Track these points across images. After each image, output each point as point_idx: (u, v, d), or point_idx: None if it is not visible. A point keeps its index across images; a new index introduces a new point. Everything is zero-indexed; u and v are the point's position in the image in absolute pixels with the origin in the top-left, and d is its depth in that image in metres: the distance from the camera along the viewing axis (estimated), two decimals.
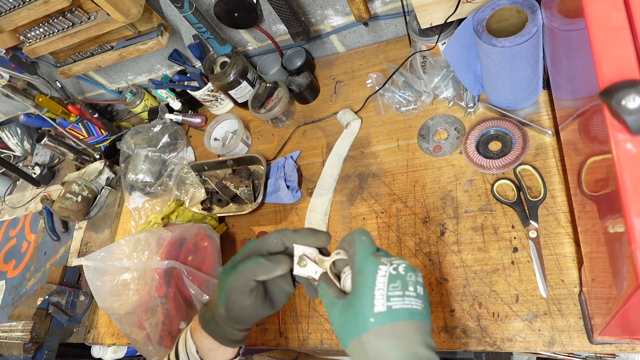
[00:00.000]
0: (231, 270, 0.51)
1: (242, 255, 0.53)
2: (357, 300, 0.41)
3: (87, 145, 1.39)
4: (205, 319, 0.55)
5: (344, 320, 0.42)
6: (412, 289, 0.41)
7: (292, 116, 1.13)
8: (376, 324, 0.39)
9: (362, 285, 0.41)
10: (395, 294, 0.40)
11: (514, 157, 0.79)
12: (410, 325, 0.40)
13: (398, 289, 0.41)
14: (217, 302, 0.53)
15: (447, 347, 0.73)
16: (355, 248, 0.44)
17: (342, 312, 0.43)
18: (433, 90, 0.93)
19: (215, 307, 0.54)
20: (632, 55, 0.36)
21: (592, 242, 0.55)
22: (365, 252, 0.44)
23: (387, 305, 0.40)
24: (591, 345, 0.64)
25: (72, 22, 1.04)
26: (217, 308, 0.53)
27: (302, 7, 1.02)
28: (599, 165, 0.44)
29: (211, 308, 0.55)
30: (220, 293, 0.52)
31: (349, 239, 0.47)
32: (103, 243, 1.25)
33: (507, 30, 0.72)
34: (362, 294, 0.41)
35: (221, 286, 0.52)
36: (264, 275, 0.50)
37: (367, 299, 0.40)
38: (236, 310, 0.52)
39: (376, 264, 0.42)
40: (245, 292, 0.51)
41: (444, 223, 0.82)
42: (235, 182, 1.04)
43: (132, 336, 0.85)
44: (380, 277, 0.41)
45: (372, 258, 0.43)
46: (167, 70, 1.33)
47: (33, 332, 1.09)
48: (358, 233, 0.46)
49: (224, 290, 0.51)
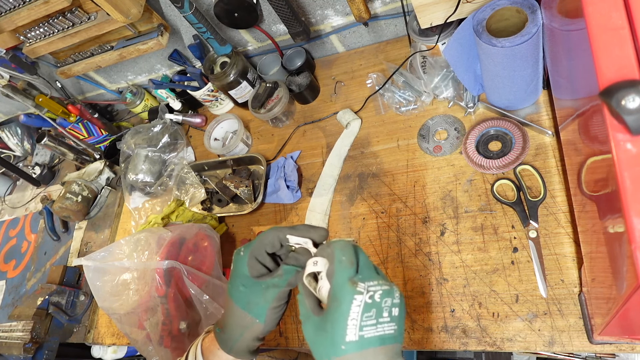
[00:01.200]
0: (261, 287, 0.50)
1: (246, 266, 0.52)
2: (330, 326, 0.42)
3: (87, 145, 1.39)
4: (229, 344, 0.53)
5: (317, 338, 0.43)
6: (386, 314, 0.42)
7: (292, 116, 1.13)
8: (347, 351, 0.41)
9: (336, 312, 0.42)
10: (368, 323, 0.41)
11: (514, 157, 0.79)
12: (380, 350, 0.41)
13: (372, 318, 0.42)
14: (248, 321, 0.52)
15: (447, 347, 0.73)
16: (334, 269, 0.44)
17: (315, 330, 0.44)
18: (433, 90, 0.93)
19: (245, 327, 0.52)
20: (632, 55, 0.36)
21: (592, 242, 0.55)
22: (343, 277, 0.43)
23: (359, 335, 0.41)
24: (591, 345, 0.64)
25: (72, 22, 1.04)
26: (250, 327, 0.52)
27: (302, 7, 1.02)
28: (599, 165, 0.44)
29: (237, 330, 0.53)
30: (257, 310, 0.51)
31: (328, 252, 0.45)
32: (103, 243, 1.25)
33: (507, 30, 0.72)
34: (335, 320, 0.41)
35: (255, 303, 0.51)
36: (297, 283, 0.50)
37: (340, 327, 0.41)
38: (274, 323, 0.53)
39: (352, 293, 0.42)
40: (284, 307, 0.53)
41: (444, 223, 0.82)
42: (235, 182, 1.04)
43: (132, 336, 0.85)
44: (355, 306, 0.41)
45: (349, 286, 0.42)
46: (167, 70, 1.33)
47: (33, 332, 1.09)
48: (338, 250, 0.44)
49: (263, 307, 0.51)
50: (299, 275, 0.49)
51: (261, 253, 0.52)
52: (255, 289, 0.51)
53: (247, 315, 0.52)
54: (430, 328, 0.75)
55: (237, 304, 0.52)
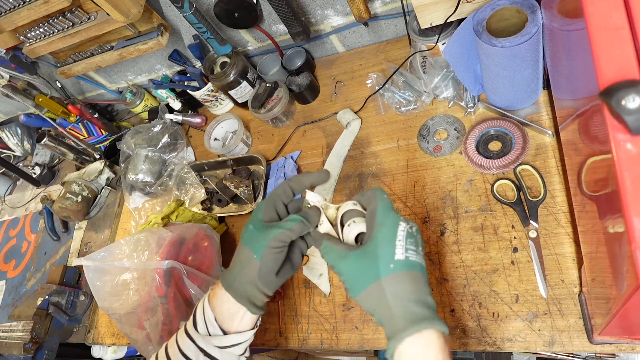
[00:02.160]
0: (267, 228, 0.54)
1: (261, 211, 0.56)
2: (378, 248, 0.46)
3: (87, 145, 1.39)
4: (228, 280, 0.56)
5: (360, 267, 0.47)
6: (421, 248, 0.48)
7: (292, 116, 1.13)
8: (395, 269, 0.45)
9: (385, 235, 0.46)
10: (411, 247, 0.47)
11: (513, 157, 0.79)
12: (421, 276, 0.46)
13: (413, 244, 0.47)
14: (247, 257, 0.54)
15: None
16: (377, 203, 0.49)
17: (358, 260, 0.47)
18: (433, 90, 0.93)
19: (244, 263, 0.54)
20: (632, 55, 0.36)
21: (592, 242, 0.55)
22: (387, 207, 0.49)
23: (405, 255, 0.46)
24: (591, 345, 0.64)
25: (72, 22, 1.04)
26: (247, 263, 0.54)
27: (302, 7, 1.02)
28: (599, 165, 0.44)
29: (237, 265, 0.56)
30: (256, 247, 0.53)
31: (368, 195, 0.51)
32: (103, 243, 1.25)
33: (507, 30, 0.72)
34: (383, 243, 0.46)
35: (256, 241, 0.54)
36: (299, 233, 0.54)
37: (389, 247, 0.46)
38: (270, 265, 0.54)
39: (397, 219, 0.48)
40: (283, 249, 0.54)
41: (444, 223, 0.82)
42: (235, 182, 1.04)
43: (132, 336, 0.85)
44: (400, 231, 0.47)
45: (393, 214, 0.48)
46: (167, 70, 1.33)
47: (33, 332, 1.09)
48: (379, 191, 0.51)
49: (262, 244, 0.53)
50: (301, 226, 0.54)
51: (277, 201, 0.57)
52: (261, 229, 0.54)
53: (248, 251, 0.54)
54: None
55: (242, 241, 0.56)
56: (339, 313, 0.84)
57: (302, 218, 0.54)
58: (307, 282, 0.90)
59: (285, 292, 0.92)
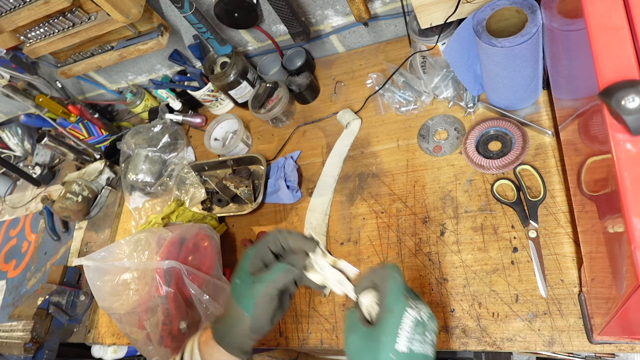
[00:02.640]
0: (255, 280, 0.54)
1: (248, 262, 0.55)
2: (382, 335, 0.45)
3: (87, 145, 1.39)
4: (220, 334, 0.56)
5: (362, 347, 0.46)
6: (429, 336, 0.46)
7: (292, 116, 1.13)
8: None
9: (389, 322, 0.45)
10: (416, 338, 0.45)
11: (513, 157, 0.79)
12: None
13: (420, 334, 0.45)
14: (239, 313, 0.54)
15: (447, 347, 0.73)
16: (388, 285, 0.47)
17: (363, 339, 0.46)
18: (433, 90, 0.93)
19: (236, 319, 0.55)
20: (631, 55, 0.36)
21: (592, 242, 0.55)
22: (397, 290, 0.47)
23: (408, 347, 0.44)
24: (591, 345, 0.64)
25: (73, 22, 1.04)
26: (240, 320, 0.54)
27: (302, 7, 1.02)
28: (599, 165, 0.44)
29: (229, 321, 0.55)
30: (246, 303, 0.53)
31: (381, 273, 0.49)
32: (103, 243, 1.25)
33: (507, 30, 0.72)
34: (388, 330, 0.44)
35: (245, 297, 0.53)
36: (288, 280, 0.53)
37: (392, 336, 0.44)
38: (261, 318, 0.54)
39: (405, 305, 0.46)
40: (272, 300, 0.54)
41: (444, 223, 0.82)
42: (235, 182, 1.04)
43: (132, 336, 0.85)
44: (407, 319, 0.45)
45: (403, 299, 0.46)
46: (167, 71, 1.33)
47: (33, 332, 1.09)
48: (392, 270, 0.48)
49: (250, 300, 0.53)
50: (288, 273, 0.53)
51: (264, 251, 0.56)
52: (248, 282, 0.54)
53: (238, 307, 0.54)
54: None
55: (232, 296, 0.55)
56: (339, 313, 0.84)
57: (286, 265, 0.54)
58: None
59: None
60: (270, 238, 0.56)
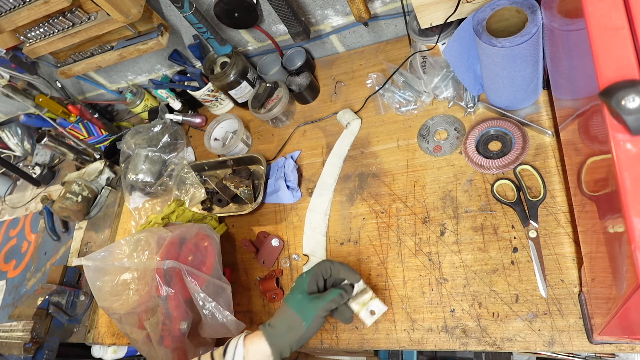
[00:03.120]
0: (315, 298, 0.66)
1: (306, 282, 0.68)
2: None
3: (87, 145, 1.39)
4: (274, 338, 0.64)
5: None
6: None
7: (292, 116, 1.13)
8: None
9: None
10: None
11: (513, 157, 0.79)
12: None
13: None
14: (297, 322, 0.65)
15: (447, 347, 0.73)
16: None
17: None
18: (433, 90, 0.93)
19: (293, 326, 0.65)
20: (632, 55, 0.36)
21: (592, 242, 0.55)
22: None
23: None
24: (591, 345, 0.64)
25: (72, 22, 1.04)
26: (296, 328, 0.64)
27: (302, 7, 1.02)
28: (599, 165, 0.44)
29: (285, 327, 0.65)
30: (306, 316, 0.65)
31: None
32: (103, 243, 1.25)
33: (507, 30, 0.72)
34: None
35: (306, 310, 0.65)
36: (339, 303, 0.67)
37: None
38: (313, 331, 0.66)
39: None
40: (325, 318, 0.66)
41: (444, 223, 0.82)
42: (235, 182, 1.04)
43: (132, 336, 0.85)
44: None
45: None
46: (167, 70, 1.33)
47: (33, 332, 1.09)
48: None
49: (311, 313, 0.65)
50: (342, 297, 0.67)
51: (318, 276, 0.69)
52: (308, 299, 0.66)
53: (298, 317, 0.65)
54: (430, 328, 0.75)
55: (292, 308, 0.66)
56: None
57: (341, 291, 0.67)
58: None
59: (285, 292, 0.92)
60: (324, 266, 0.69)
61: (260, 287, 0.93)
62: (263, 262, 0.95)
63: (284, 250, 0.97)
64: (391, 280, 0.82)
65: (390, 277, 0.82)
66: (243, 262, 1.00)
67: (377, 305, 0.69)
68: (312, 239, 0.93)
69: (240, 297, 0.96)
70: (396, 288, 0.81)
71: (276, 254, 0.96)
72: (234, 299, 0.86)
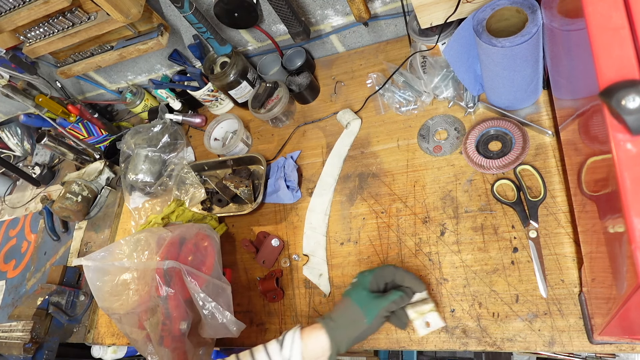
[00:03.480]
0: (377, 297, 0.66)
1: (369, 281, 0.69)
2: None
3: (87, 145, 1.39)
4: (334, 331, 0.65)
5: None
6: None
7: (292, 116, 1.13)
8: None
9: None
10: None
11: (514, 157, 0.79)
12: None
13: None
14: (359, 318, 0.65)
15: (447, 347, 0.73)
16: None
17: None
18: (433, 90, 0.93)
19: (355, 321, 0.65)
20: (632, 55, 0.36)
21: (592, 242, 0.55)
22: None
23: None
24: (591, 345, 0.64)
25: (72, 22, 1.04)
26: (358, 323, 0.65)
27: (302, 7, 1.02)
28: (599, 165, 0.44)
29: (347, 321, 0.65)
30: (369, 313, 0.65)
31: None
32: (103, 243, 1.25)
33: (507, 30, 0.72)
34: None
35: (370, 307, 0.65)
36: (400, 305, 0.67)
37: None
38: (374, 329, 0.66)
39: None
40: (386, 318, 0.67)
41: (444, 223, 0.82)
42: (235, 182, 1.04)
43: (132, 336, 0.85)
44: None
45: None
46: (167, 70, 1.33)
47: (33, 332, 1.09)
48: None
49: (374, 311, 0.65)
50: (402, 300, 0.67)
51: (380, 279, 0.70)
52: (372, 297, 0.67)
53: (361, 312, 0.65)
54: None
55: (355, 302, 0.66)
56: None
57: (403, 294, 0.67)
58: (307, 282, 0.90)
59: (285, 292, 0.92)
60: (387, 271, 0.69)
61: (260, 287, 0.93)
62: (263, 262, 0.95)
63: (284, 250, 0.97)
64: None
65: None
66: (243, 262, 1.00)
67: (434, 319, 0.68)
68: (312, 239, 0.93)
69: (240, 297, 0.96)
70: None
71: (276, 254, 0.96)
72: (234, 299, 0.86)
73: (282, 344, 0.64)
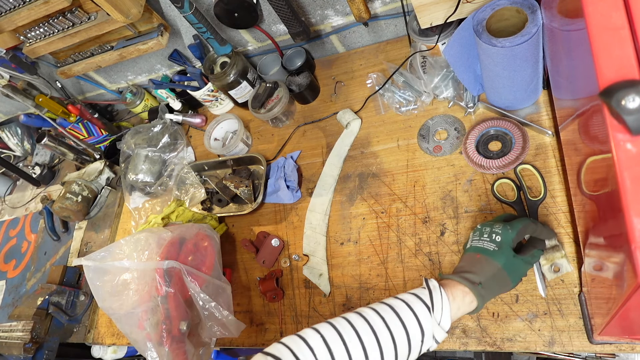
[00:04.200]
0: (520, 261, 0.64)
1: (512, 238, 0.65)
2: None
3: (87, 145, 1.39)
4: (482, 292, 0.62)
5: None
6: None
7: (292, 116, 1.13)
8: None
9: None
10: None
11: (514, 157, 0.79)
12: None
13: None
14: (506, 282, 0.63)
15: (447, 347, 0.73)
16: None
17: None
18: (433, 90, 0.93)
19: (503, 285, 0.64)
20: (632, 55, 0.36)
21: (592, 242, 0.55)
22: None
23: None
24: (591, 345, 0.64)
25: (72, 22, 1.04)
26: (505, 287, 0.64)
27: (302, 7, 1.02)
28: (599, 165, 0.44)
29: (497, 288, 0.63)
30: (515, 278, 0.64)
31: None
32: (103, 243, 1.25)
33: (507, 30, 0.72)
34: None
35: (516, 273, 0.64)
36: None
37: None
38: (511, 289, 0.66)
39: None
40: None
41: (444, 223, 0.82)
42: (235, 182, 1.04)
43: (132, 336, 0.85)
44: None
45: None
46: (167, 70, 1.33)
47: (33, 332, 1.09)
48: None
49: (519, 277, 0.65)
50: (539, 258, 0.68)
51: (521, 236, 0.66)
52: (518, 259, 0.64)
53: (508, 278, 0.63)
54: None
55: (505, 269, 0.63)
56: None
57: (542, 251, 0.68)
58: (307, 282, 0.90)
59: (285, 292, 0.92)
60: (531, 227, 0.67)
61: (260, 287, 0.93)
62: (263, 262, 0.95)
63: (284, 250, 0.97)
64: (391, 280, 0.82)
65: (391, 277, 0.82)
66: (243, 262, 1.00)
67: (564, 264, 0.69)
68: (312, 239, 0.93)
69: (240, 297, 0.96)
70: (396, 288, 0.81)
71: (276, 254, 0.96)
72: (234, 299, 0.86)
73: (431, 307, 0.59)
